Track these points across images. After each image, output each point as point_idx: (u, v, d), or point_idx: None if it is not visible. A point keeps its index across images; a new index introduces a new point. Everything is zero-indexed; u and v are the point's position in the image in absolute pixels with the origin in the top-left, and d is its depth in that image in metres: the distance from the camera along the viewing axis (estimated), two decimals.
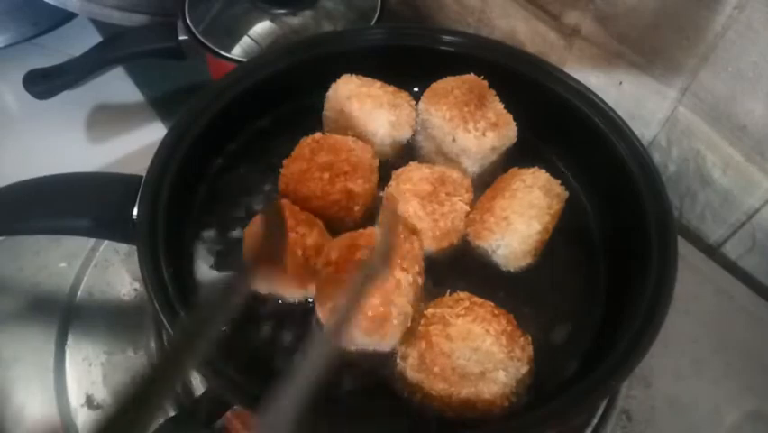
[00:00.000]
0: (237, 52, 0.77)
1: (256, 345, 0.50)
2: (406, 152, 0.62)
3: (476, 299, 0.49)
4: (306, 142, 0.56)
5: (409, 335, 0.47)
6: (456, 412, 0.45)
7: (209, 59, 0.78)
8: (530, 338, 0.48)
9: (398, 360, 0.47)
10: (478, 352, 0.45)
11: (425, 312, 0.48)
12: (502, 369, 0.44)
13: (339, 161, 0.54)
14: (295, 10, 0.81)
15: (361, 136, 0.59)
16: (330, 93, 0.60)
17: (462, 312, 0.47)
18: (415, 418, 0.46)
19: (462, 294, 0.49)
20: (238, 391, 0.42)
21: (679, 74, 0.65)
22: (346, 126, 0.60)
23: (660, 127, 0.71)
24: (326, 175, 0.53)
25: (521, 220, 0.52)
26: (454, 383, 0.44)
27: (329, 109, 0.61)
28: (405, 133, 0.60)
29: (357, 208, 0.54)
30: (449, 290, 0.50)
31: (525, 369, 0.46)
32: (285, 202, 0.52)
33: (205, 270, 0.54)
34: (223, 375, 0.43)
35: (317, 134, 0.57)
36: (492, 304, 0.48)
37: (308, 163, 0.54)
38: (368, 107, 0.59)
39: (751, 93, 0.60)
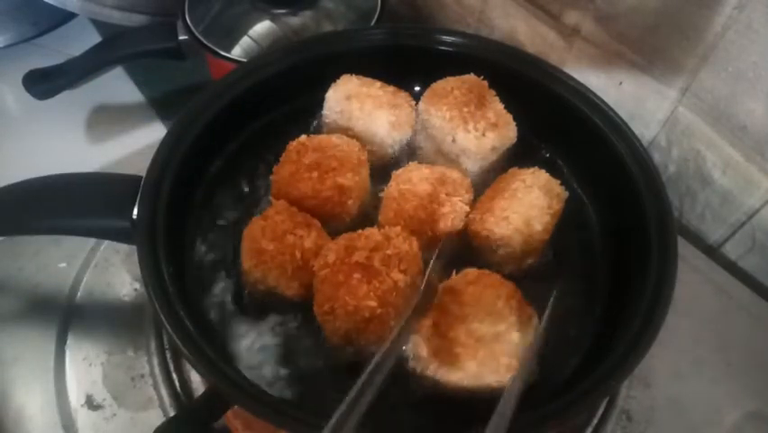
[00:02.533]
0: (237, 52, 0.77)
1: (257, 346, 0.50)
2: (406, 152, 0.62)
3: (484, 270, 0.49)
4: (293, 146, 0.56)
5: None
6: (469, 392, 0.45)
7: (209, 59, 0.78)
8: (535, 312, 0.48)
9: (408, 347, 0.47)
10: (491, 315, 0.46)
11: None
12: (516, 330, 0.45)
13: (326, 158, 0.54)
14: (295, 10, 0.81)
15: (360, 136, 0.59)
16: (330, 93, 0.60)
17: (473, 280, 0.48)
18: (415, 417, 0.46)
19: (469, 270, 0.50)
20: (238, 391, 0.42)
21: (679, 74, 0.65)
22: (346, 127, 0.59)
23: (660, 127, 0.71)
24: (315, 174, 0.53)
25: (521, 220, 0.52)
26: (470, 346, 0.45)
27: (329, 109, 0.61)
28: (405, 134, 0.60)
29: (350, 202, 0.54)
30: (454, 271, 0.50)
31: (535, 334, 0.46)
32: (282, 203, 0.52)
33: (204, 269, 0.54)
34: (223, 375, 0.43)
35: (302, 137, 0.56)
36: (499, 275, 0.49)
37: (296, 165, 0.54)
38: (368, 108, 0.59)
39: (751, 93, 0.60)
